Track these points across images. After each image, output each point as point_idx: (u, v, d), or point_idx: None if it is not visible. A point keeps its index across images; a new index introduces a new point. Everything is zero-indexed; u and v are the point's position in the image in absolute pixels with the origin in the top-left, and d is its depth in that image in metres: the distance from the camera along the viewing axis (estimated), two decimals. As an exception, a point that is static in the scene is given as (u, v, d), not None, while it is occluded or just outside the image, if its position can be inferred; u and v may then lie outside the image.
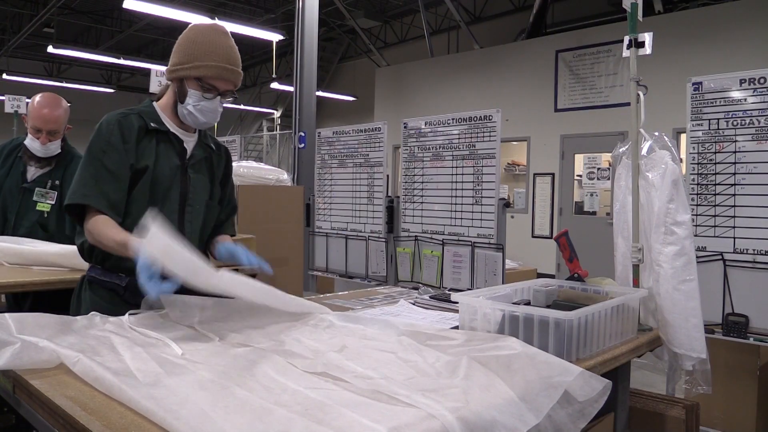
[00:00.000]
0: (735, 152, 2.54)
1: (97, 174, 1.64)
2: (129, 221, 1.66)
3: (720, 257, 2.55)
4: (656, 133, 1.95)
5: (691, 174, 2.65)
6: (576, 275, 1.84)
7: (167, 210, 1.74)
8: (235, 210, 2.04)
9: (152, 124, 1.75)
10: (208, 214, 1.88)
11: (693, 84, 2.66)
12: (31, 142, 2.71)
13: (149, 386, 1.03)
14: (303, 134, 6.69)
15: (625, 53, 2.02)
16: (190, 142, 1.83)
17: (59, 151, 2.76)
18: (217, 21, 1.82)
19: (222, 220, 1.97)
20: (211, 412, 0.92)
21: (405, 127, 3.59)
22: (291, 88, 7.27)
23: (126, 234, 1.54)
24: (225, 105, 1.81)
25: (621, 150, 2.05)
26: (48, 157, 2.74)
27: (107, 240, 1.56)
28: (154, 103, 1.83)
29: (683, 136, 3.07)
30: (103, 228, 1.59)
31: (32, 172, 2.78)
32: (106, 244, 1.57)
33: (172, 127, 1.80)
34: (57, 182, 2.77)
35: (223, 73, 1.72)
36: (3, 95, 6.55)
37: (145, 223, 1.42)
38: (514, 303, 1.56)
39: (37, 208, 2.74)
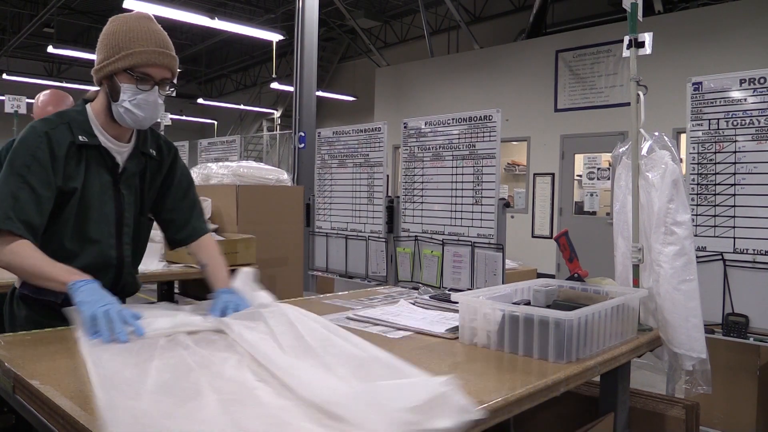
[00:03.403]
0: (735, 152, 2.54)
1: (17, 193, 1.46)
2: (54, 245, 1.55)
3: (720, 257, 2.55)
4: (656, 133, 1.95)
5: (691, 174, 2.65)
6: (576, 275, 1.84)
7: (101, 232, 1.62)
8: (193, 207, 1.84)
9: (81, 138, 1.57)
10: (140, 231, 1.74)
11: (693, 84, 2.66)
12: None
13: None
14: (303, 134, 6.69)
15: (625, 53, 2.02)
16: (123, 153, 1.66)
17: None
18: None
19: (185, 221, 1.81)
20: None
21: (405, 127, 3.59)
22: (291, 88, 7.27)
23: (60, 267, 1.45)
24: (167, 96, 1.61)
25: (621, 150, 2.05)
26: None
27: (33, 269, 1.44)
28: (88, 107, 1.64)
29: (683, 136, 3.07)
30: (27, 254, 1.45)
31: None
32: (30, 271, 1.46)
33: (104, 138, 1.62)
34: None
35: (155, 58, 1.55)
36: (3, 95, 6.56)
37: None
38: (514, 303, 1.56)
39: None
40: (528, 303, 1.63)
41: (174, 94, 1.67)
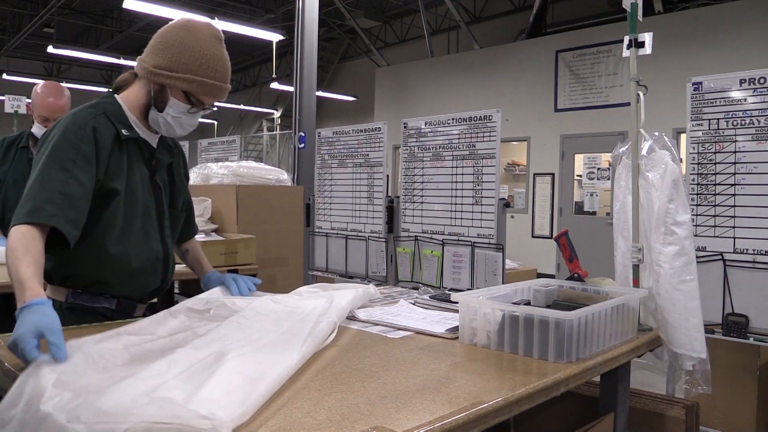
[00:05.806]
0: (735, 152, 2.54)
1: (65, 189, 1.37)
2: (97, 251, 1.47)
3: (720, 257, 2.55)
4: (656, 133, 1.95)
5: (691, 174, 2.65)
6: (576, 275, 1.84)
7: (147, 228, 1.58)
8: (192, 208, 1.89)
9: (124, 132, 1.53)
10: (173, 223, 1.72)
11: (693, 84, 2.66)
12: (39, 130, 2.78)
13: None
14: (303, 134, 6.69)
15: (625, 53, 2.02)
16: (154, 143, 1.65)
17: None
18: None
19: (186, 221, 1.83)
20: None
21: (405, 127, 3.59)
22: (291, 88, 7.27)
23: (33, 272, 1.21)
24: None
25: (621, 150, 2.05)
26: None
27: (15, 262, 1.22)
28: (119, 99, 1.59)
29: (683, 136, 3.07)
30: (24, 246, 1.26)
31: None
32: (10, 264, 1.23)
33: (142, 132, 1.59)
34: None
35: (217, 92, 1.57)
36: (3, 95, 6.56)
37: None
38: (514, 303, 1.56)
39: None
40: (528, 303, 1.63)
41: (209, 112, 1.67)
